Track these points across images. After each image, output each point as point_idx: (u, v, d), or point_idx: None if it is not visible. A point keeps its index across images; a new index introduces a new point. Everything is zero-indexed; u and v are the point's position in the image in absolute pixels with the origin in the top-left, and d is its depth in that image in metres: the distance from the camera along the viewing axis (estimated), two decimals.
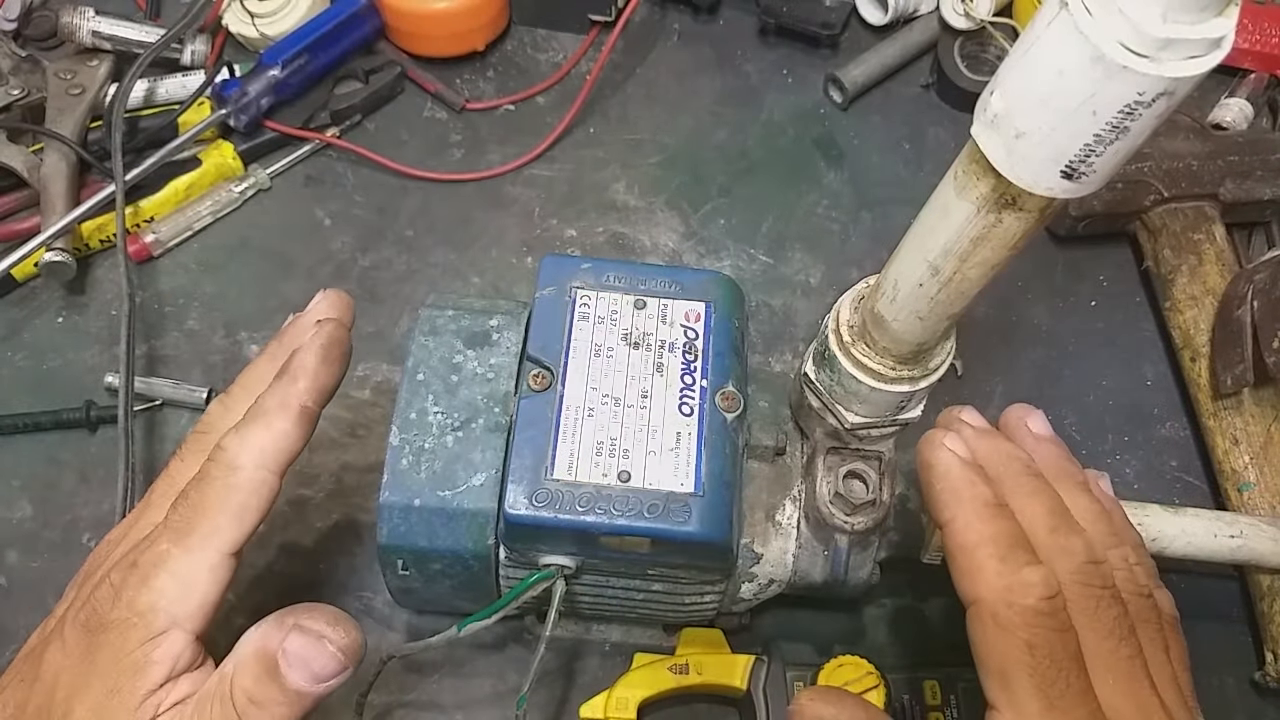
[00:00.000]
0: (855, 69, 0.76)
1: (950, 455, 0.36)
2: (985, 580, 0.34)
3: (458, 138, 0.74)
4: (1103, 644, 0.34)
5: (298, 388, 0.39)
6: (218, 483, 0.37)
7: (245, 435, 0.38)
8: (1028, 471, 0.38)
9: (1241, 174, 0.69)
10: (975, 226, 0.36)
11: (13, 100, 0.67)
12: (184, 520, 0.36)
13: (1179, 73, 0.27)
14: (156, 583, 0.35)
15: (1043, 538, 0.36)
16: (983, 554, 0.34)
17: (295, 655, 0.35)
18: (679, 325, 0.48)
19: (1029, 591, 0.33)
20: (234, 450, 0.37)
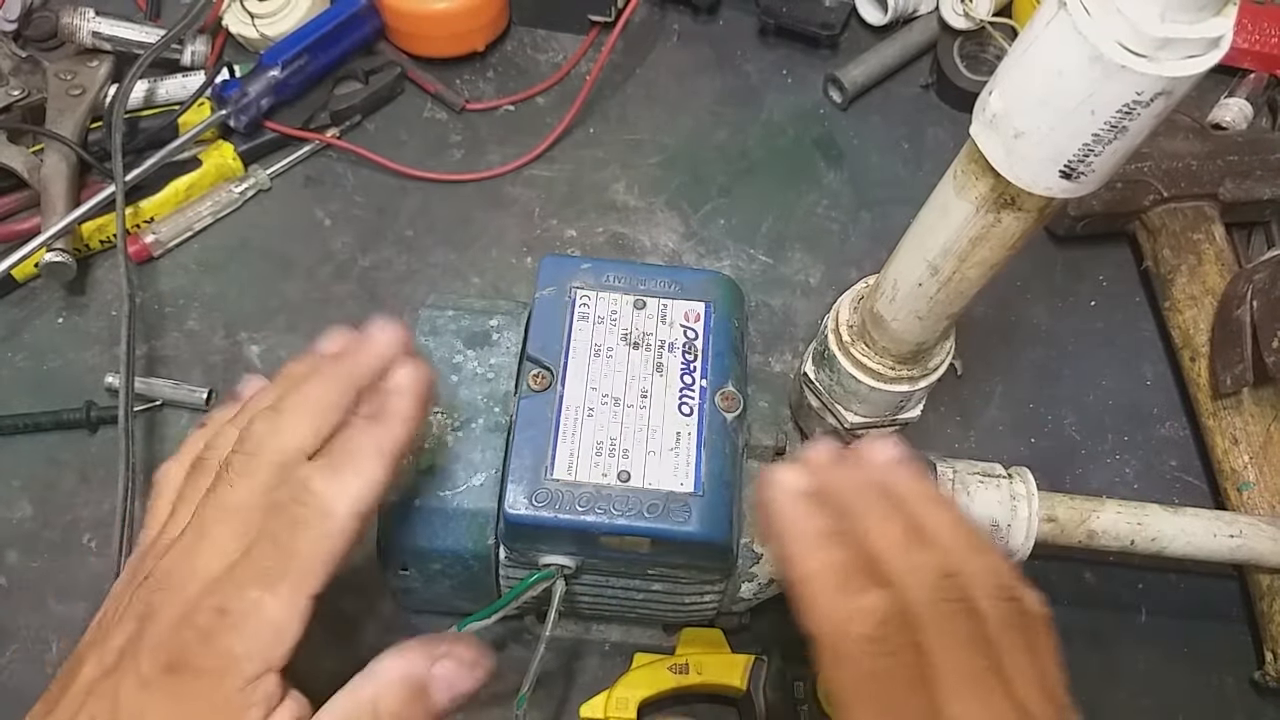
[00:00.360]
0: (855, 69, 0.76)
1: (782, 490, 0.37)
2: (822, 613, 0.34)
3: (457, 138, 0.74)
4: (956, 659, 0.34)
5: (395, 435, 0.37)
6: (312, 530, 0.36)
7: (341, 481, 0.36)
8: (880, 495, 0.37)
9: (1241, 174, 0.69)
10: (974, 226, 0.36)
11: (13, 101, 0.67)
12: (276, 566, 0.35)
13: (1177, 72, 0.27)
14: (250, 630, 0.34)
15: (896, 558, 0.35)
16: (817, 586, 0.34)
17: (444, 680, 0.37)
18: (679, 325, 0.48)
19: (865, 619, 0.33)
20: (330, 497, 0.36)
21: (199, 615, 0.35)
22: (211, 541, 0.37)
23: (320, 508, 0.36)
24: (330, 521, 0.36)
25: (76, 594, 0.57)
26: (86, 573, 0.57)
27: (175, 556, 0.38)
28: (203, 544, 0.37)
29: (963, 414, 0.66)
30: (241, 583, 0.35)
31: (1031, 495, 0.52)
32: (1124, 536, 0.52)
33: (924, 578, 0.35)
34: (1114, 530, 0.52)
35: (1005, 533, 0.51)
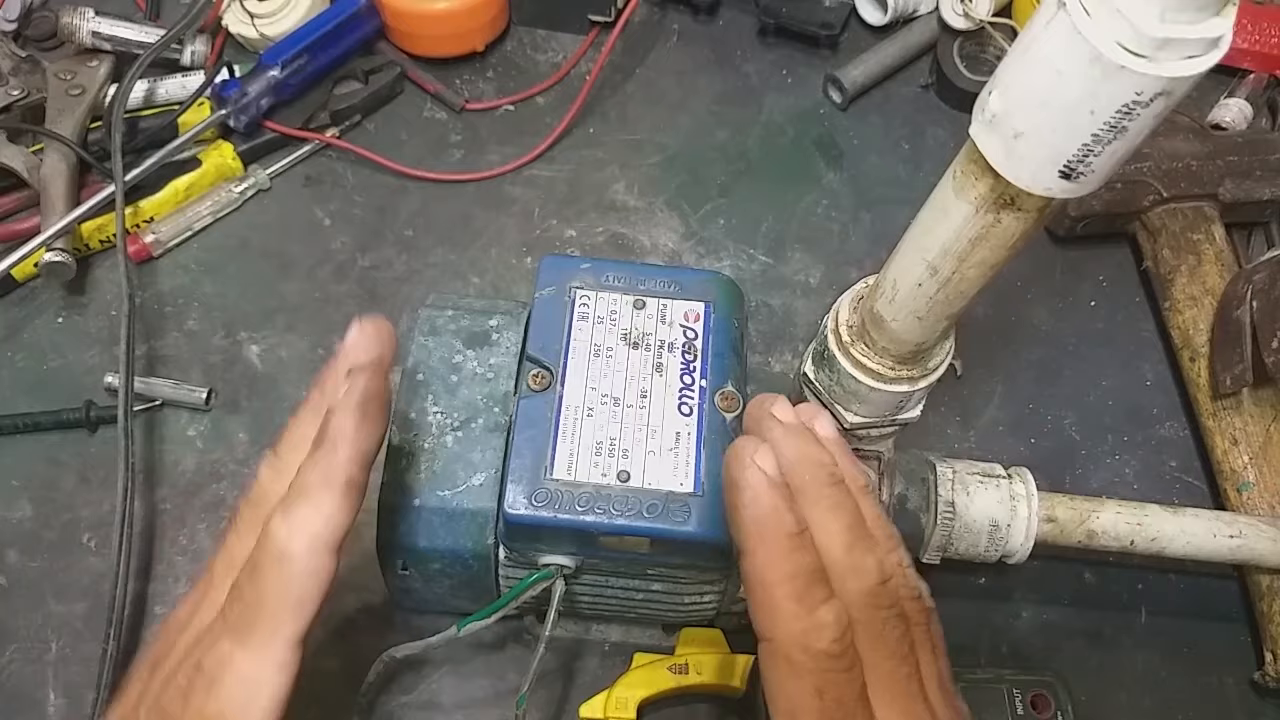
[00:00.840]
0: (855, 69, 0.76)
1: (759, 477, 0.34)
2: (782, 621, 0.33)
3: (457, 138, 0.74)
4: (887, 667, 0.34)
5: (338, 459, 0.35)
6: (271, 575, 0.34)
7: (292, 519, 0.34)
8: (831, 481, 0.36)
9: (1241, 174, 0.69)
10: (974, 226, 0.36)
11: (13, 101, 0.67)
12: (241, 619, 0.34)
13: (1177, 72, 0.27)
14: (223, 690, 0.33)
15: (838, 556, 0.34)
16: (781, 593, 0.33)
17: None
18: (678, 325, 0.48)
19: (823, 635, 0.32)
20: (283, 537, 0.34)
21: (181, 672, 0.34)
22: (214, 592, 0.36)
23: (277, 550, 0.34)
24: (290, 563, 0.34)
25: (76, 594, 0.57)
26: (86, 572, 0.57)
27: (182, 608, 0.37)
28: (209, 595, 0.36)
29: (963, 414, 0.66)
30: (216, 636, 0.34)
31: (1031, 495, 0.52)
32: (1124, 537, 0.52)
33: (864, 583, 0.34)
34: (1114, 530, 0.52)
35: (1005, 533, 0.51)
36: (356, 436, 0.35)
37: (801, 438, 0.37)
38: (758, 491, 0.34)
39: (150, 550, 0.58)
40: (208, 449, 0.61)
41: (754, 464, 0.34)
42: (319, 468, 0.35)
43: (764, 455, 0.34)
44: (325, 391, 0.39)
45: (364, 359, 0.38)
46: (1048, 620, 0.60)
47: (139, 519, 0.58)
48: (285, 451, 0.38)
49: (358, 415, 0.35)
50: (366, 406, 0.36)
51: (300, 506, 0.34)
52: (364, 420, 0.36)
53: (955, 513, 0.51)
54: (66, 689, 0.54)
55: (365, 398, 0.36)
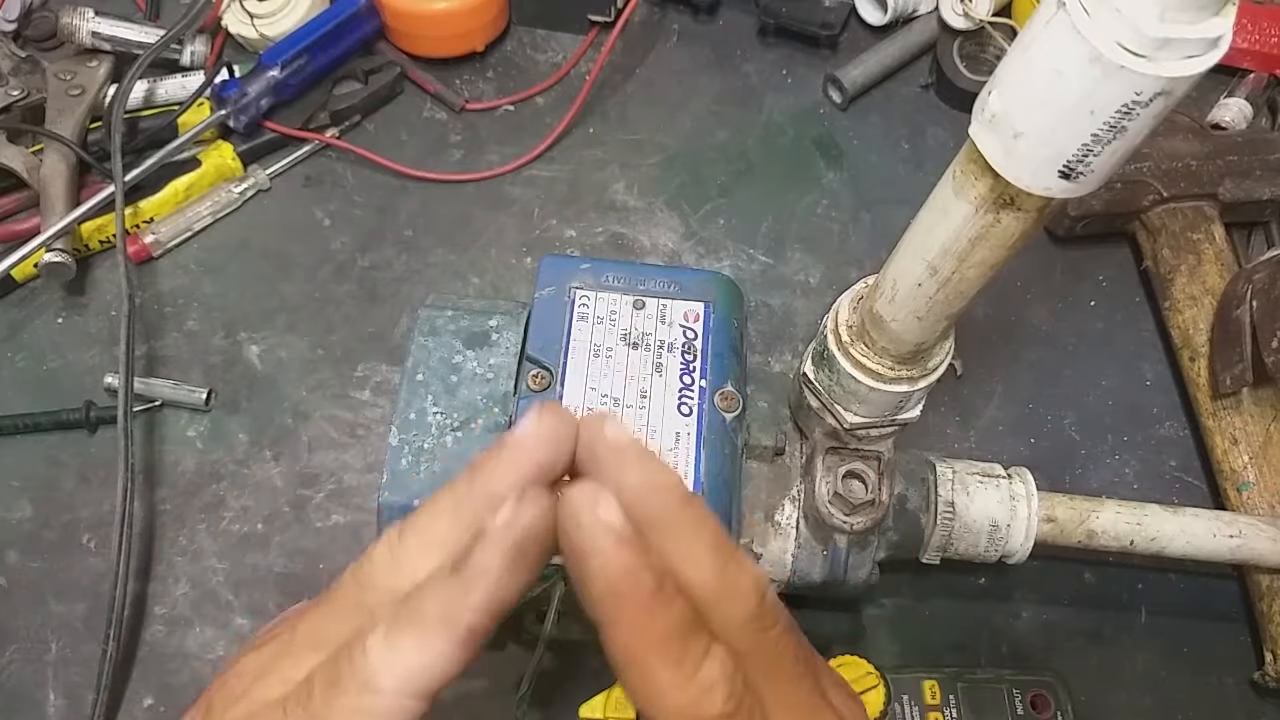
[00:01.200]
0: (854, 69, 0.76)
1: (606, 538, 0.27)
2: (662, 697, 0.28)
3: (457, 138, 0.74)
4: (791, 695, 0.30)
5: (471, 600, 0.28)
6: (348, 701, 0.28)
7: (393, 650, 0.28)
8: (684, 502, 0.30)
9: (1240, 174, 0.69)
10: (974, 226, 0.36)
11: (12, 101, 0.67)
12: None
13: (1176, 72, 0.27)
14: None
15: (712, 585, 0.29)
16: (655, 664, 0.27)
17: None
18: (678, 325, 0.48)
19: (714, 698, 0.27)
20: (378, 668, 0.28)
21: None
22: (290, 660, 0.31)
23: (364, 678, 0.28)
24: (372, 698, 0.28)
25: (76, 594, 0.57)
26: (86, 573, 0.57)
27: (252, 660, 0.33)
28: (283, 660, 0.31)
29: (962, 414, 0.66)
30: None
31: (1031, 495, 0.52)
32: (1123, 536, 0.52)
33: (746, 606, 0.29)
34: (1113, 530, 0.52)
35: (1005, 533, 0.51)
36: (500, 583, 0.28)
37: (642, 462, 0.30)
38: (607, 556, 0.27)
39: (150, 551, 0.58)
40: (208, 449, 0.61)
41: (596, 522, 0.28)
42: (442, 601, 0.28)
43: (605, 505, 0.28)
44: (476, 487, 0.31)
45: (535, 467, 0.30)
46: (1047, 620, 0.60)
47: (139, 519, 0.58)
48: (412, 545, 0.31)
49: (510, 558, 0.28)
50: (525, 549, 0.29)
51: (406, 638, 0.28)
52: (516, 566, 0.28)
53: (955, 513, 0.51)
54: (66, 689, 0.54)
55: (527, 538, 0.28)
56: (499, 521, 0.28)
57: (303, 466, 0.61)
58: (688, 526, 0.30)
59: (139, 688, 0.55)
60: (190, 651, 0.56)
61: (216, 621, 0.57)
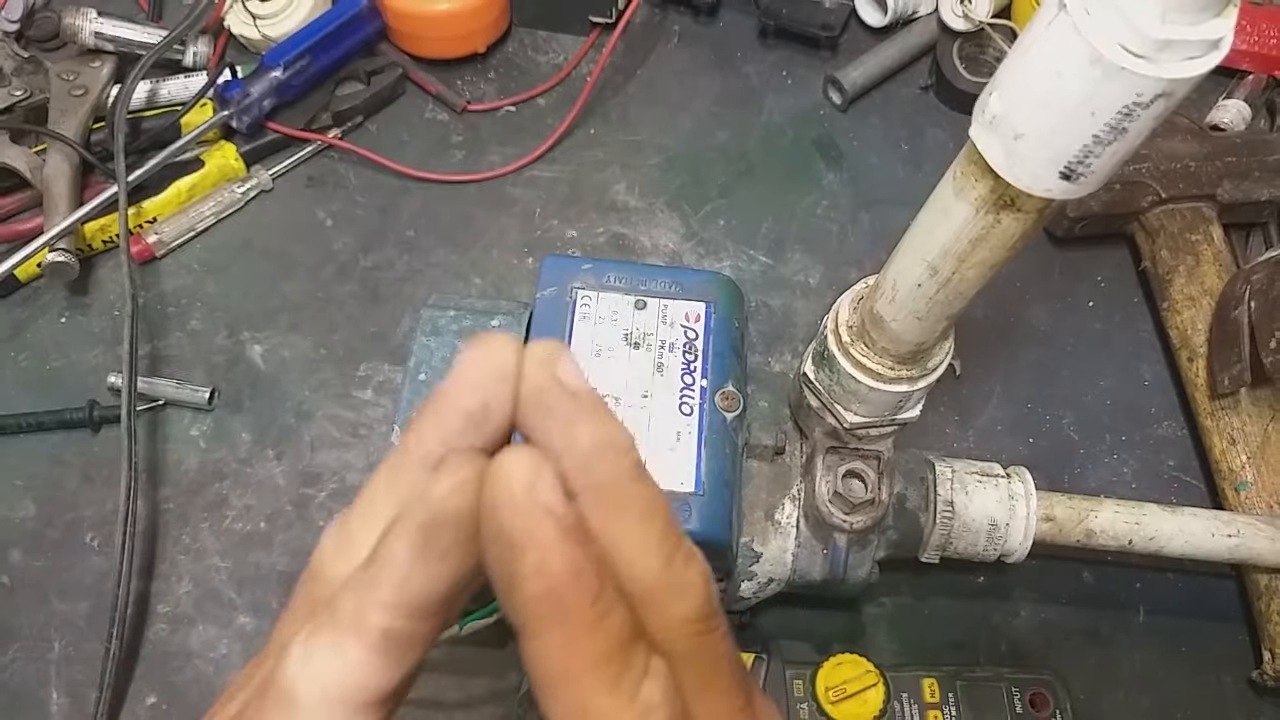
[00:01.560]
0: (854, 70, 0.77)
1: (546, 529, 0.22)
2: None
3: (459, 139, 0.74)
4: (719, 707, 0.25)
5: (377, 598, 0.23)
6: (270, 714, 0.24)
7: (309, 658, 0.23)
8: (635, 475, 0.25)
9: (1239, 175, 0.69)
10: (974, 227, 0.36)
11: (16, 101, 0.67)
12: None
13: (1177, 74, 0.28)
14: None
15: (656, 575, 0.24)
16: (590, 685, 0.23)
17: None
18: (679, 325, 0.49)
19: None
20: (293, 677, 0.23)
21: None
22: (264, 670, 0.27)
23: (280, 693, 0.23)
24: (292, 713, 0.23)
25: (79, 593, 0.57)
26: (89, 572, 0.57)
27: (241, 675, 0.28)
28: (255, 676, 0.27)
29: (962, 414, 0.66)
30: None
31: (1030, 495, 0.52)
32: (1122, 536, 0.53)
33: (692, 604, 0.25)
34: (1112, 530, 0.53)
35: (1004, 532, 0.51)
36: (409, 576, 0.23)
37: (598, 415, 0.25)
38: (546, 554, 0.22)
39: (153, 549, 0.58)
40: (210, 449, 0.61)
41: (535, 506, 0.22)
42: (355, 598, 0.23)
43: (544, 483, 0.22)
44: (409, 453, 0.25)
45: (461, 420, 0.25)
46: (1046, 619, 0.60)
47: (142, 518, 0.58)
48: (355, 528, 0.26)
49: (418, 545, 0.23)
50: (438, 531, 0.23)
51: (321, 644, 0.23)
52: (428, 553, 0.23)
53: (954, 512, 0.51)
54: (69, 688, 0.55)
55: (438, 518, 0.23)
56: (418, 503, 0.23)
57: (305, 466, 0.61)
58: (638, 503, 0.25)
59: (142, 686, 0.55)
60: (193, 650, 0.56)
61: (219, 620, 0.57)
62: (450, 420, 0.24)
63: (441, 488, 0.23)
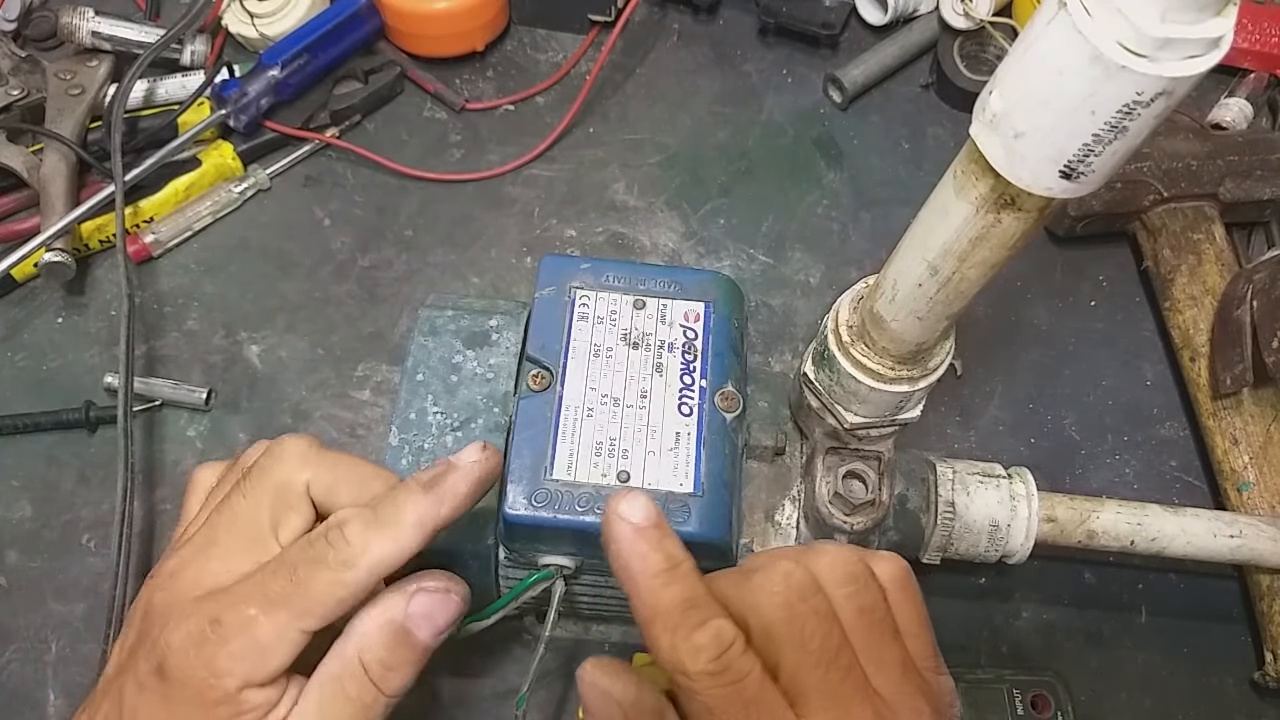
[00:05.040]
0: (855, 69, 0.76)
1: (622, 527, 0.35)
2: (661, 654, 0.33)
3: (457, 138, 0.74)
4: (813, 676, 0.33)
5: (441, 513, 0.37)
6: (328, 574, 0.35)
7: (372, 539, 0.36)
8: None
9: (1241, 174, 0.69)
10: (974, 226, 0.36)
11: (12, 100, 0.67)
12: (280, 592, 0.35)
13: (1178, 72, 0.27)
14: (237, 646, 0.35)
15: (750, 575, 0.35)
16: (656, 629, 0.33)
17: (422, 614, 0.38)
18: (678, 325, 0.48)
19: (697, 658, 0.32)
20: (357, 549, 0.36)
21: (191, 622, 0.35)
22: (220, 550, 0.38)
23: (345, 556, 0.36)
24: (349, 572, 0.35)
25: (76, 594, 0.57)
26: (86, 573, 0.57)
27: (182, 558, 0.38)
28: (211, 550, 0.38)
29: (963, 414, 0.66)
30: (242, 598, 0.35)
31: (1031, 495, 0.52)
32: (1124, 537, 0.52)
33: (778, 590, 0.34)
34: (1114, 530, 0.52)
35: (1005, 533, 0.51)
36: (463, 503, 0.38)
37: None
38: (620, 541, 0.35)
39: (150, 550, 0.58)
40: (208, 449, 0.61)
41: (617, 515, 0.35)
42: (418, 510, 0.37)
43: (629, 504, 0.35)
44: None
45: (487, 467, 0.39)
46: (1048, 620, 0.60)
47: (138, 519, 0.58)
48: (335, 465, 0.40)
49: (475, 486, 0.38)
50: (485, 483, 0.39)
51: (385, 533, 0.36)
52: (474, 494, 0.38)
53: (955, 513, 0.51)
54: (66, 689, 0.54)
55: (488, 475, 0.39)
56: (470, 459, 0.38)
57: None
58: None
59: None
60: None
61: None
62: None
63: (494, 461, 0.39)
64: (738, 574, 0.36)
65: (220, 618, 0.35)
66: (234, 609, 0.35)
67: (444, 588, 0.38)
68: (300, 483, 0.39)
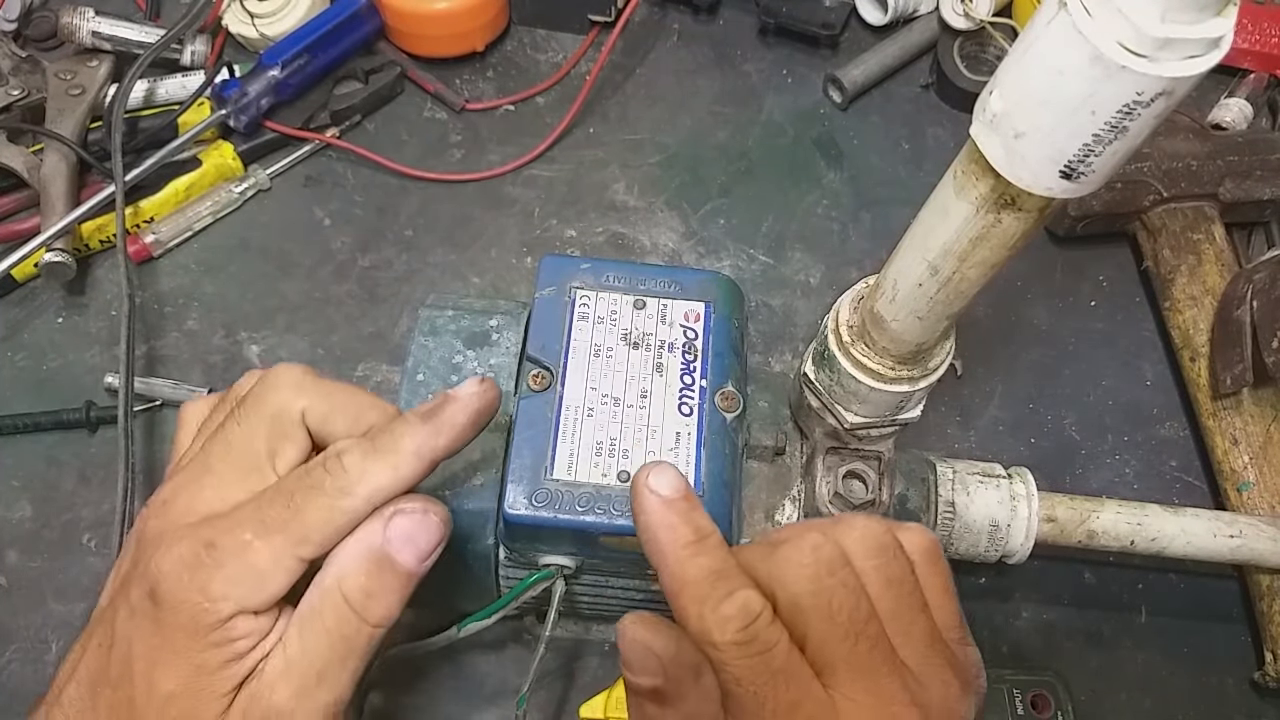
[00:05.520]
0: (855, 69, 0.76)
1: (651, 499, 0.35)
2: (690, 625, 0.34)
3: (457, 138, 0.74)
4: (841, 647, 0.33)
5: (439, 443, 0.37)
6: (325, 501, 0.35)
7: (370, 468, 0.36)
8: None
9: (1241, 174, 0.69)
10: (974, 227, 0.36)
11: (13, 101, 0.67)
12: (277, 519, 0.35)
13: (1178, 73, 0.27)
14: (232, 571, 0.34)
15: (778, 547, 0.35)
16: (685, 600, 0.34)
17: (401, 538, 0.36)
18: (678, 325, 0.48)
19: (724, 628, 0.33)
20: (354, 478, 0.36)
21: (185, 545, 0.35)
22: (214, 478, 0.37)
23: (342, 483, 0.35)
24: (347, 499, 0.35)
25: (76, 594, 0.57)
26: (86, 573, 0.57)
27: (175, 486, 0.38)
28: (205, 479, 0.37)
29: (963, 414, 0.66)
30: (238, 523, 0.35)
31: (1031, 495, 0.52)
32: (1124, 537, 0.52)
33: (802, 563, 0.34)
34: (1114, 530, 0.52)
35: (1005, 533, 0.51)
36: (462, 434, 0.38)
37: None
38: (649, 514, 0.35)
39: None
40: None
41: (647, 487, 0.35)
42: (417, 440, 0.37)
43: (657, 476, 0.35)
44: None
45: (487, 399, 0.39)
46: (1048, 620, 0.60)
47: None
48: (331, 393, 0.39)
49: (474, 418, 0.38)
50: (483, 416, 0.39)
51: (383, 461, 0.36)
52: (473, 425, 0.38)
53: (955, 513, 0.51)
54: None
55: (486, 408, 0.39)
56: (468, 391, 0.38)
57: None
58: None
59: None
60: None
61: None
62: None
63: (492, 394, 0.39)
64: (765, 546, 0.36)
65: (215, 541, 0.34)
66: (229, 534, 0.35)
67: (421, 508, 0.37)
68: (296, 410, 0.38)
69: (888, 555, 0.36)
